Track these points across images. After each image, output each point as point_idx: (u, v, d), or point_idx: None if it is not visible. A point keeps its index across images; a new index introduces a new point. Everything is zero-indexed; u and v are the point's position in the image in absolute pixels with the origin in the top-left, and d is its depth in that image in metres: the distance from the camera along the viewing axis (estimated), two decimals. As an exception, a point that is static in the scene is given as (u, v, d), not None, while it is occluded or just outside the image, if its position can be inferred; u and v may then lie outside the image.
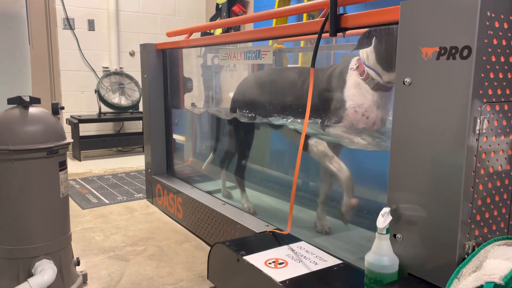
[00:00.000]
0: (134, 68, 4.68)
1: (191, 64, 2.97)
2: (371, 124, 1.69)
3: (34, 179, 1.45)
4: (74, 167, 3.93)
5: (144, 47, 2.72)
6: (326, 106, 1.77)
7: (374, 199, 2.24)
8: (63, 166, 1.54)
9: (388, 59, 1.53)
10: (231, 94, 3.01)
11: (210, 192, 2.46)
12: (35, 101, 1.49)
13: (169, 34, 2.78)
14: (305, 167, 2.39)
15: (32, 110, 1.47)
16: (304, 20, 3.26)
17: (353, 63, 1.71)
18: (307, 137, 1.85)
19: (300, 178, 2.70)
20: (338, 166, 1.80)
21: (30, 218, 1.46)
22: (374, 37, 1.55)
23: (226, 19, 4.05)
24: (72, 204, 2.80)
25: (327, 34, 1.43)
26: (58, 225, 1.54)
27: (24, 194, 1.44)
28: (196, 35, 3.12)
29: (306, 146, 1.89)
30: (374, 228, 1.20)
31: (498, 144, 1.07)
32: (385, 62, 1.55)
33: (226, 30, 3.85)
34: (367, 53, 1.62)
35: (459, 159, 1.01)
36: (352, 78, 1.70)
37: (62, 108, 1.58)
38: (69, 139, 1.56)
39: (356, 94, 1.69)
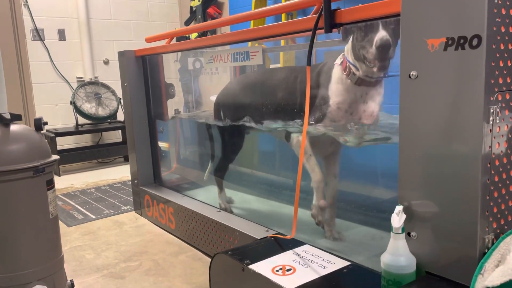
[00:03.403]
0: (109, 77, 4.54)
1: (172, 69, 2.89)
2: (357, 120, 1.67)
3: (21, 201, 1.36)
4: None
5: (122, 54, 2.63)
6: (312, 103, 1.74)
7: (367, 194, 2.23)
8: (50, 184, 1.45)
9: (361, 52, 1.52)
10: (212, 98, 2.94)
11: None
12: (16, 118, 1.40)
13: (148, 40, 2.69)
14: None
15: (14, 127, 1.38)
16: (283, 20, 3.22)
17: (338, 59, 1.70)
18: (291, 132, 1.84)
19: (291, 179, 2.66)
20: (312, 166, 1.78)
21: (19, 243, 1.37)
22: (351, 33, 1.55)
23: (206, 22, 3.96)
24: (57, 222, 2.68)
25: (318, 31, 1.39)
26: (49, 248, 1.45)
27: (11, 217, 1.35)
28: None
29: (288, 138, 1.87)
30: (376, 226, 1.17)
31: (510, 134, 1.05)
32: (361, 55, 1.54)
33: (202, 33, 3.77)
34: (348, 48, 1.62)
35: (475, 152, 0.98)
36: (336, 73, 1.68)
37: (46, 123, 1.49)
38: (54, 156, 1.47)
39: (339, 89, 1.67)
